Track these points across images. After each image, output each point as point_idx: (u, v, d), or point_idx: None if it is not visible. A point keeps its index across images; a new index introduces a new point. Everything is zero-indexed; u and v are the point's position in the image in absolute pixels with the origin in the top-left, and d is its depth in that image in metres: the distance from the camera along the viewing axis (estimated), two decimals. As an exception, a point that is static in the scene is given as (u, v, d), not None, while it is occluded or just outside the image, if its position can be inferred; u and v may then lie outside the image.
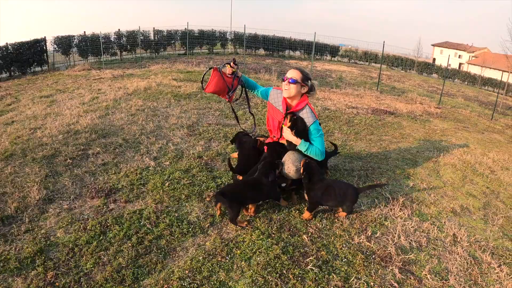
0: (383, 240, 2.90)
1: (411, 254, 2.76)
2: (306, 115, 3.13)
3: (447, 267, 2.68)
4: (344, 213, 3.11)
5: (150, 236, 2.66)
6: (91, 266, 2.35)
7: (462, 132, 7.58)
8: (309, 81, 3.15)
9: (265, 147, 3.38)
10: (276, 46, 21.60)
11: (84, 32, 16.54)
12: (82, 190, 3.38)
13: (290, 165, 3.04)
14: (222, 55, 19.84)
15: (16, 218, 2.87)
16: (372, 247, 2.77)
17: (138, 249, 2.51)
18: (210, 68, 3.29)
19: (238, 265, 2.43)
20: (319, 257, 2.58)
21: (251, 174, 3.15)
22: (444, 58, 41.91)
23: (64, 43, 15.69)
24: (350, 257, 2.62)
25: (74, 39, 16.04)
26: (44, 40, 14.67)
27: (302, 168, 2.98)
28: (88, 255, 2.45)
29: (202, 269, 2.37)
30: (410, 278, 2.49)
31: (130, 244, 2.55)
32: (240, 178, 3.32)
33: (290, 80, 3.10)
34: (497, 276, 2.64)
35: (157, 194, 3.30)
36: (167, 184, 3.48)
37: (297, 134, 3.12)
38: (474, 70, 32.42)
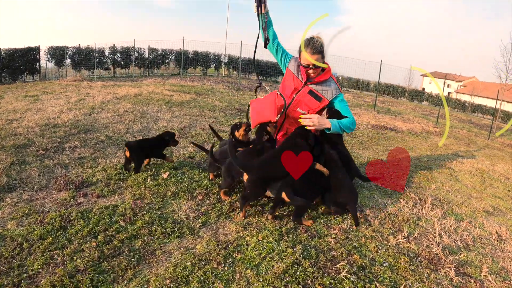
0: (424, 240, 2.38)
1: (460, 254, 2.24)
2: (330, 88, 2.84)
3: (504, 266, 2.19)
4: None
5: (122, 235, 2.08)
6: (39, 267, 1.76)
7: (464, 147, 7.30)
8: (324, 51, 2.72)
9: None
10: (269, 70, 21.31)
11: (79, 44, 16.17)
12: (49, 181, 2.85)
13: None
14: (216, 76, 19.58)
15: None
16: (413, 248, 2.23)
17: (104, 250, 1.92)
18: None
19: (242, 274, 1.81)
20: (352, 262, 2.00)
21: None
22: (433, 88, 42.61)
23: (58, 54, 15.24)
24: (391, 260, 2.06)
25: (68, 50, 15.61)
26: (38, 48, 14.16)
27: None
28: (39, 253, 1.87)
29: (191, 278, 1.74)
30: (470, 282, 1.94)
31: (94, 243, 1.97)
32: None
33: (315, 66, 2.68)
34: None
35: (137, 190, 2.73)
36: (149, 180, 2.91)
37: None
38: (463, 98, 32.90)
